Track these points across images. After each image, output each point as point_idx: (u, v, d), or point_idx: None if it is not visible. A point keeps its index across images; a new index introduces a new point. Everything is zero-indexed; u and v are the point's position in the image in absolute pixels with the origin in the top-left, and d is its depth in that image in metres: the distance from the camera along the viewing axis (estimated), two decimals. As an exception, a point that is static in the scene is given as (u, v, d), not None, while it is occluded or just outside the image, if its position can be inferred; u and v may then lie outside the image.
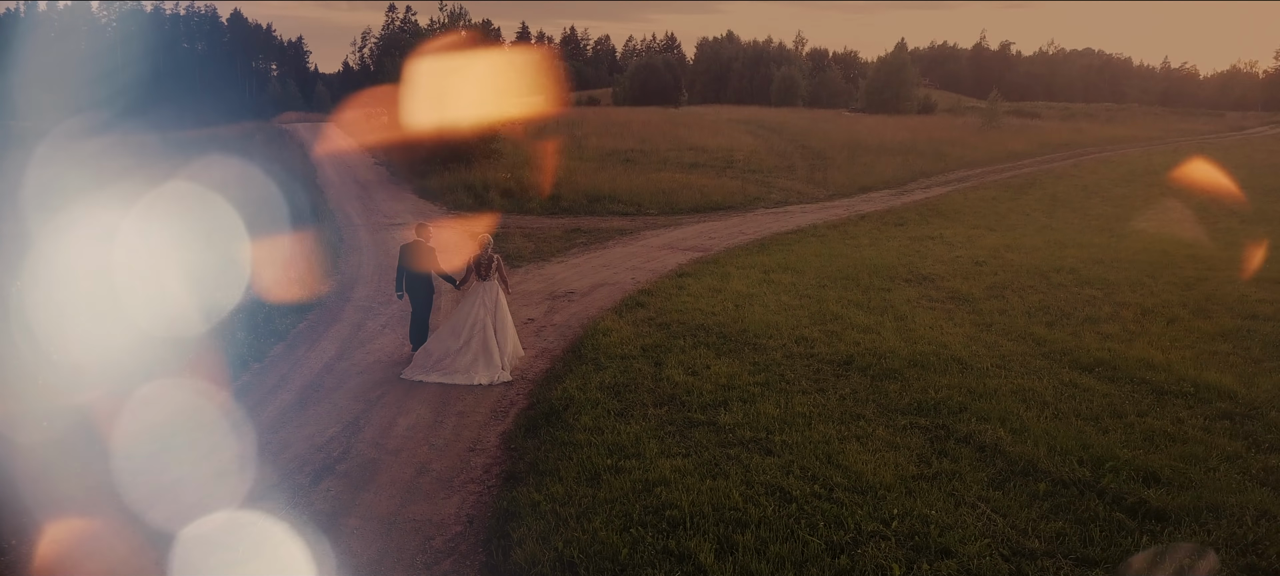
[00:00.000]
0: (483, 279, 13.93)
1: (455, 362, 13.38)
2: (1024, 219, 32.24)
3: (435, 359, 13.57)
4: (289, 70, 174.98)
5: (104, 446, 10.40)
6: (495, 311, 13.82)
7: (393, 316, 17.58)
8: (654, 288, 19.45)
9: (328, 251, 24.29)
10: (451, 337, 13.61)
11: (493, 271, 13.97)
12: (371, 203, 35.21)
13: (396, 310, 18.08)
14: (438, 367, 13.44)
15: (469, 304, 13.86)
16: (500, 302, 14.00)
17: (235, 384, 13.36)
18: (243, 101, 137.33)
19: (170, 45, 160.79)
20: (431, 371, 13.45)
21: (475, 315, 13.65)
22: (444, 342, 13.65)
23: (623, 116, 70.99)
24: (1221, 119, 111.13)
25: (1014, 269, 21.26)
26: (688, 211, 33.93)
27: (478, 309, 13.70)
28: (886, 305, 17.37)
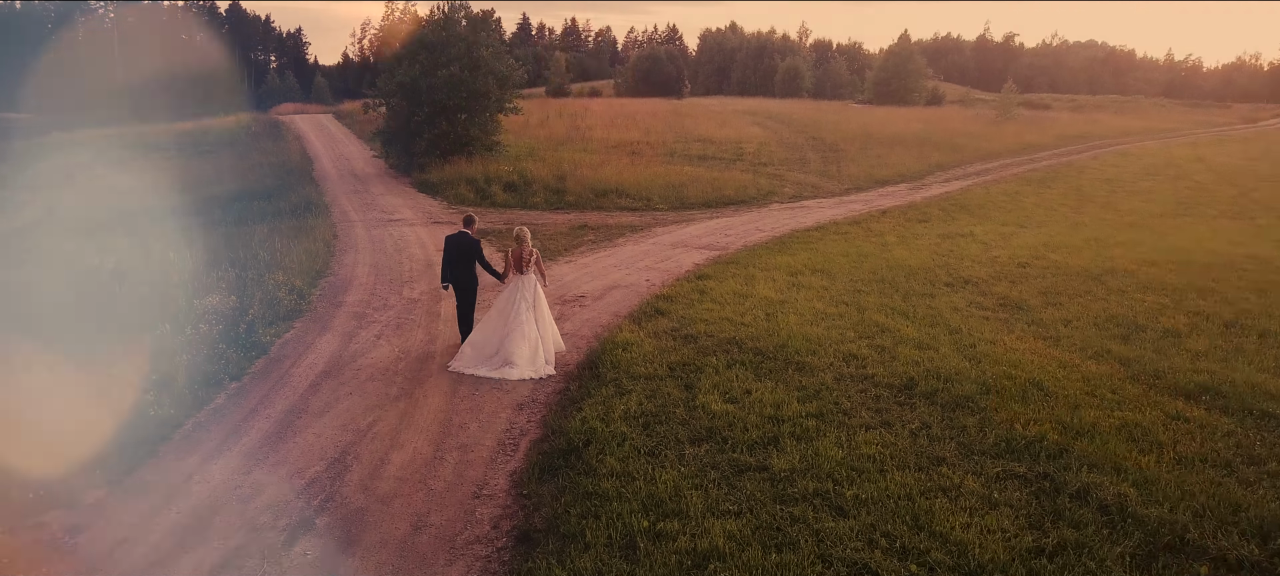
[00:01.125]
0: (521, 273, 13.75)
1: (499, 357, 13.29)
2: (1051, 214, 30.67)
3: (481, 354, 13.48)
4: (288, 62, 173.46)
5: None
6: (536, 305, 13.68)
7: (389, 325, 16.01)
8: (672, 292, 17.86)
9: (321, 250, 22.68)
10: (494, 332, 13.52)
11: (530, 265, 13.80)
12: (369, 197, 33.62)
13: (392, 317, 16.51)
14: (485, 362, 13.34)
15: (509, 298, 13.72)
16: (539, 296, 13.82)
17: (208, 407, 11.79)
18: (242, 93, 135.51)
19: (169, 37, 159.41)
20: (479, 365, 13.34)
21: (516, 309, 13.51)
22: (486, 337, 13.57)
23: (626, 108, 69.50)
24: (1229, 111, 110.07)
25: (1061, 271, 19.70)
26: (699, 206, 32.37)
27: (519, 303, 13.55)
28: (934, 315, 15.81)
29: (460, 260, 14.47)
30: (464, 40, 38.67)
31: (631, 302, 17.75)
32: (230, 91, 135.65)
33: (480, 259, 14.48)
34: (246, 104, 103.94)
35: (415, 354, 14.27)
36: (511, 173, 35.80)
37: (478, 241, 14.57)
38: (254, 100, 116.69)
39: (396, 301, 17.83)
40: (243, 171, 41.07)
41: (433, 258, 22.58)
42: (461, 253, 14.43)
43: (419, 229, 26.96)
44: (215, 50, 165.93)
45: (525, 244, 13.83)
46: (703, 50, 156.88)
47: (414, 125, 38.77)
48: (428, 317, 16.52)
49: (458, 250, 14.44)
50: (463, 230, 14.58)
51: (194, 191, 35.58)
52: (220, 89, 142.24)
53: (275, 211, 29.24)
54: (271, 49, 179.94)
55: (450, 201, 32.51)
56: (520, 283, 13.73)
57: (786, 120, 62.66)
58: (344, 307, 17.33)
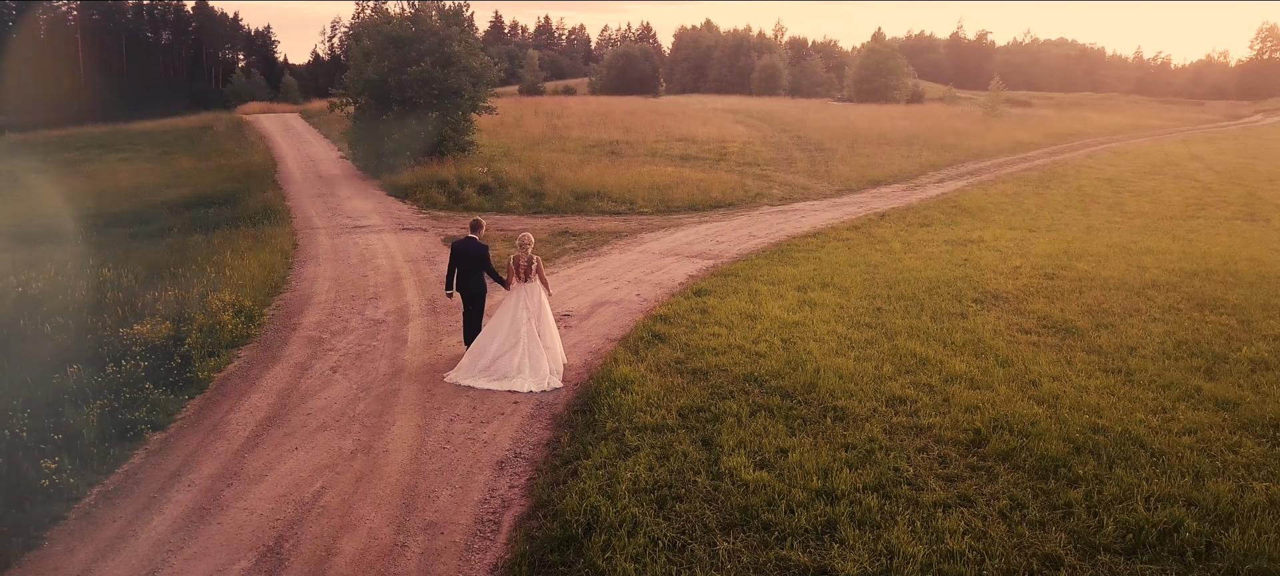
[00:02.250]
0: (524, 280, 13.06)
1: (500, 368, 12.62)
2: (1058, 217, 28.96)
3: (481, 364, 12.74)
4: (257, 61, 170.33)
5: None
6: (539, 315, 13.02)
7: (348, 353, 13.97)
8: (669, 311, 15.90)
9: (278, 263, 20.58)
10: (494, 342, 12.83)
11: (533, 272, 13.11)
12: (334, 201, 31.47)
13: (353, 343, 14.47)
14: (485, 372, 12.63)
15: (511, 306, 13.04)
16: (543, 305, 13.16)
17: (122, 469, 9.72)
18: (209, 92, 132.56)
19: (134, 36, 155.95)
20: (478, 377, 12.61)
21: (518, 318, 12.85)
22: (485, 347, 12.86)
23: (603, 106, 67.60)
24: (1203, 107, 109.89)
25: (1096, 284, 17.91)
26: (685, 209, 30.46)
27: (520, 311, 12.90)
28: (975, 341, 13.93)
29: (468, 267, 13.67)
30: (435, 35, 36.57)
31: (624, 322, 15.80)
32: (196, 91, 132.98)
33: (487, 266, 13.71)
34: (212, 103, 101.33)
35: (377, 391, 12.24)
36: (486, 174, 33.80)
37: (486, 247, 13.77)
38: (220, 99, 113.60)
39: (358, 323, 15.78)
40: (202, 174, 38.71)
41: (400, 269, 20.56)
42: (469, 259, 13.63)
43: (387, 236, 24.90)
44: (182, 49, 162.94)
45: (528, 250, 13.10)
46: (678, 48, 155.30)
47: (383, 125, 36.62)
48: (392, 344, 14.49)
49: (464, 256, 13.63)
50: (469, 235, 13.76)
51: (146, 196, 33.26)
52: (185, 88, 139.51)
53: (232, 218, 27.04)
54: (239, 47, 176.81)
55: (421, 205, 30.45)
56: (523, 291, 13.04)
57: (769, 118, 60.94)
58: (299, 331, 15.26)
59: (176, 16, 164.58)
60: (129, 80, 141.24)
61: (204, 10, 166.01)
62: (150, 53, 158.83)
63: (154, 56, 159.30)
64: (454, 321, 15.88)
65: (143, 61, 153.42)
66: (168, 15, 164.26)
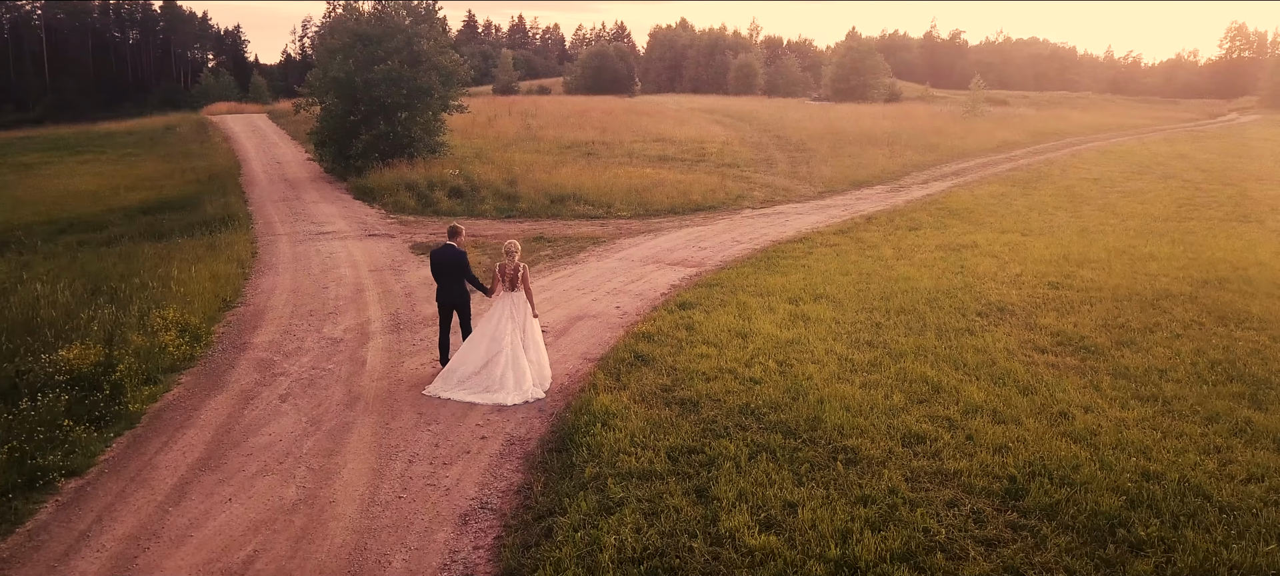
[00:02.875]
0: (510, 289, 12.52)
1: (482, 379, 12.11)
2: (1049, 219, 27.98)
3: (460, 375, 12.22)
4: (227, 60, 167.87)
5: None
6: (524, 325, 12.53)
7: (300, 378, 12.69)
8: (652, 327, 14.69)
9: (233, 274, 19.25)
10: (475, 352, 12.31)
11: (520, 281, 12.56)
12: (299, 205, 30.09)
13: (306, 367, 13.19)
14: (464, 384, 12.12)
15: (495, 316, 12.48)
16: (528, 315, 12.61)
17: (23, 528, 8.40)
18: (177, 92, 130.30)
19: (101, 36, 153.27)
20: (456, 388, 12.11)
21: (501, 328, 12.33)
22: (468, 358, 12.32)
23: (578, 105, 66.39)
24: (1179, 106, 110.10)
25: (1104, 294, 16.84)
26: (665, 213, 29.29)
27: (504, 321, 12.39)
28: (988, 361, 12.80)
29: (447, 275, 13.02)
30: (403, 32, 35.18)
31: (604, 339, 14.60)
32: (164, 91, 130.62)
33: (467, 273, 13.04)
34: (181, 103, 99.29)
35: (329, 424, 10.96)
36: (457, 177, 32.51)
37: (464, 253, 13.07)
38: (188, 100, 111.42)
39: (314, 343, 14.49)
40: (162, 177, 37.21)
41: (363, 280, 19.28)
42: (447, 267, 12.99)
43: (351, 244, 23.59)
44: (150, 49, 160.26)
45: (514, 258, 12.56)
46: (653, 47, 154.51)
47: (350, 125, 35.21)
48: (349, 367, 13.21)
49: (442, 264, 13.00)
50: (448, 242, 13.09)
51: (103, 200, 31.76)
52: (153, 88, 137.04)
53: (189, 224, 25.60)
54: (209, 47, 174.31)
55: (389, 209, 29.13)
56: (509, 300, 12.50)
57: (747, 118, 59.93)
58: (249, 352, 13.95)
59: (144, 16, 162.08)
60: (96, 80, 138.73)
61: (172, 10, 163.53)
62: (117, 53, 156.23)
63: (121, 56, 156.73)
64: (417, 340, 14.65)
65: (110, 61, 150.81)
66: (135, 14, 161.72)
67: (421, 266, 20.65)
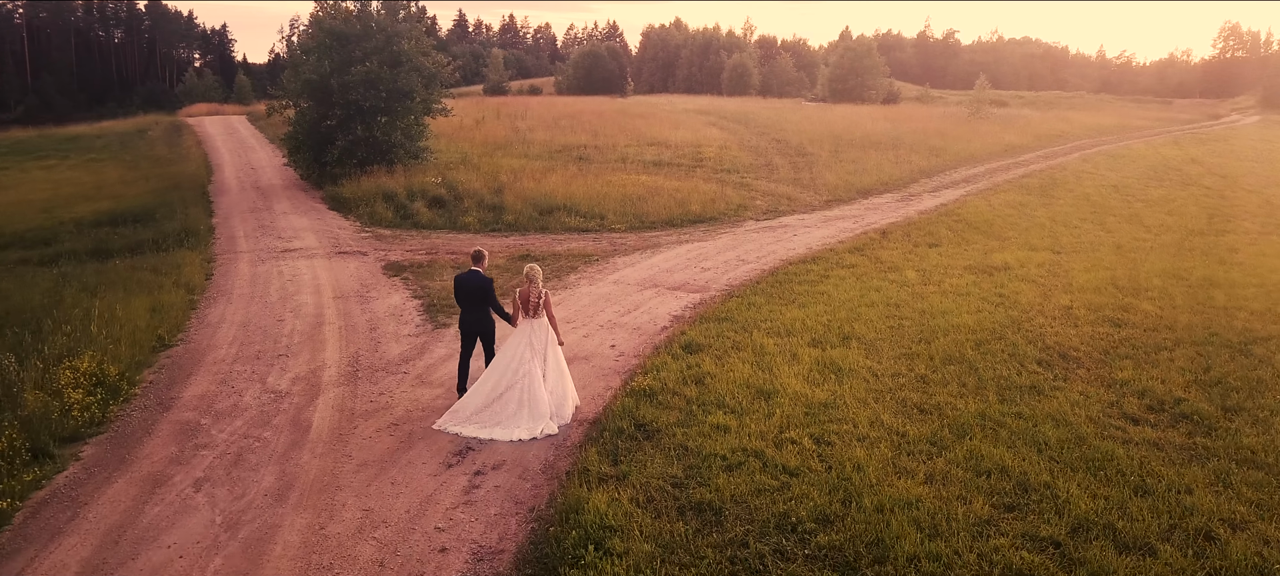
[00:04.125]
0: (531, 316, 11.75)
1: (495, 413, 11.38)
2: (1077, 234, 25.87)
3: (473, 408, 11.48)
4: (215, 60, 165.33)
5: None
6: (545, 354, 11.74)
7: (227, 451, 10.47)
8: (655, 381, 12.41)
9: (177, 305, 17.01)
10: (489, 383, 11.63)
11: (541, 308, 11.76)
12: (268, 217, 27.83)
13: (238, 433, 10.97)
14: (475, 419, 11.41)
15: (513, 345, 11.77)
16: (550, 343, 11.87)
17: None
18: (161, 92, 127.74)
19: (84, 35, 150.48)
20: (466, 423, 11.39)
21: (520, 357, 11.61)
22: (481, 389, 11.62)
23: (569, 107, 64.16)
24: (1173, 106, 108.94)
25: (1181, 336, 14.67)
26: (662, 225, 27.12)
27: (523, 350, 11.65)
28: (1075, 438, 10.52)
29: (470, 301, 12.33)
30: (383, 32, 32.90)
31: (597, 390, 12.44)
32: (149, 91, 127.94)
33: (492, 300, 12.33)
34: (165, 104, 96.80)
35: (246, 530, 8.63)
36: (439, 185, 30.27)
37: (489, 280, 12.36)
38: (171, 100, 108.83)
39: (254, 397, 12.26)
40: (126, 185, 34.83)
41: (325, 310, 17.07)
42: (470, 293, 12.29)
43: (319, 263, 21.38)
44: (135, 48, 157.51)
45: (536, 284, 11.70)
46: (646, 47, 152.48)
47: (325, 130, 32.92)
48: (290, 435, 10.96)
49: (466, 290, 12.31)
50: (473, 268, 12.41)
51: (58, 211, 29.40)
52: (138, 88, 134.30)
53: (140, 241, 23.33)
54: (195, 46, 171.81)
55: (364, 222, 26.90)
56: (529, 327, 11.74)
57: (744, 120, 57.73)
58: (173, 412, 11.72)
59: (128, 15, 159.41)
60: (79, 80, 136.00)
61: (157, 9, 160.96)
62: (101, 52, 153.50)
63: (105, 56, 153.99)
64: (376, 394, 12.45)
65: (94, 61, 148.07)
66: (119, 13, 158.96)
67: (391, 292, 18.46)
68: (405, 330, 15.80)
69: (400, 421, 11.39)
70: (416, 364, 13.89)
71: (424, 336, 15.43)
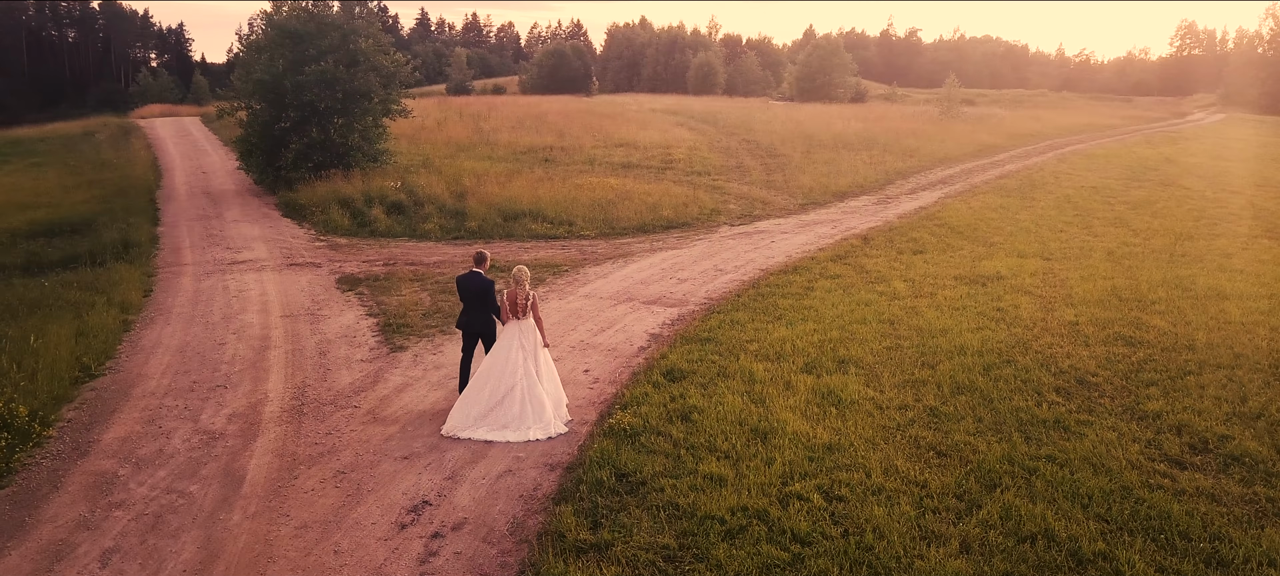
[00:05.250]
0: (520, 317, 11.78)
1: (501, 415, 11.31)
2: (1064, 239, 24.86)
3: (479, 412, 11.39)
4: (172, 60, 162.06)
5: None
6: (535, 354, 11.76)
7: (143, 514, 9.07)
8: (636, 418, 11.04)
9: (107, 328, 15.51)
10: (487, 386, 11.54)
11: (529, 309, 11.82)
12: (218, 225, 26.29)
13: (160, 489, 9.56)
14: (484, 421, 11.32)
15: (505, 346, 11.78)
16: (539, 344, 11.88)
17: None
18: (116, 92, 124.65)
19: (37, 35, 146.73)
20: (477, 426, 11.28)
21: (513, 359, 11.62)
22: (480, 392, 11.53)
23: (534, 106, 62.77)
24: (1135, 104, 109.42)
25: (1204, 357, 13.48)
26: (633, 231, 25.87)
27: (515, 352, 11.67)
28: (1120, 492, 9.24)
29: (472, 303, 12.41)
30: (338, 29, 31.35)
31: (572, 428, 11.14)
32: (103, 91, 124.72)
33: (493, 302, 12.31)
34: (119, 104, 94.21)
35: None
36: (398, 190, 28.84)
37: (491, 282, 12.39)
38: (126, 100, 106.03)
39: (184, 439, 10.84)
40: (65, 191, 32.97)
41: (272, 331, 15.66)
42: (472, 295, 12.37)
43: (268, 276, 19.93)
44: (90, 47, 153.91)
45: (525, 285, 11.82)
46: (611, 46, 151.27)
47: (279, 132, 31.31)
48: (220, 488, 9.56)
49: (468, 292, 12.40)
50: (474, 270, 12.46)
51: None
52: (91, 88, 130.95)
53: (76, 254, 21.69)
54: (151, 46, 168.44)
55: (320, 230, 25.45)
56: (518, 328, 11.74)
57: (712, 120, 56.64)
58: (90, 458, 10.29)
59: (82, 14, 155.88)
60: (31, 81, 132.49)
61: (111, 8, 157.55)
62: (55, 52, 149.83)
63: (59, 56, 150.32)
64: (322, 435, 11.08)
65: (47, 61, 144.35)
66: (73, 12, 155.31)
67: (345, 310, 17.07)
68: (358, 354, 14.43)
69: (348, 469, 10.02)
70: (369, 395, 12.53)
71: (378, 361, 14.07)
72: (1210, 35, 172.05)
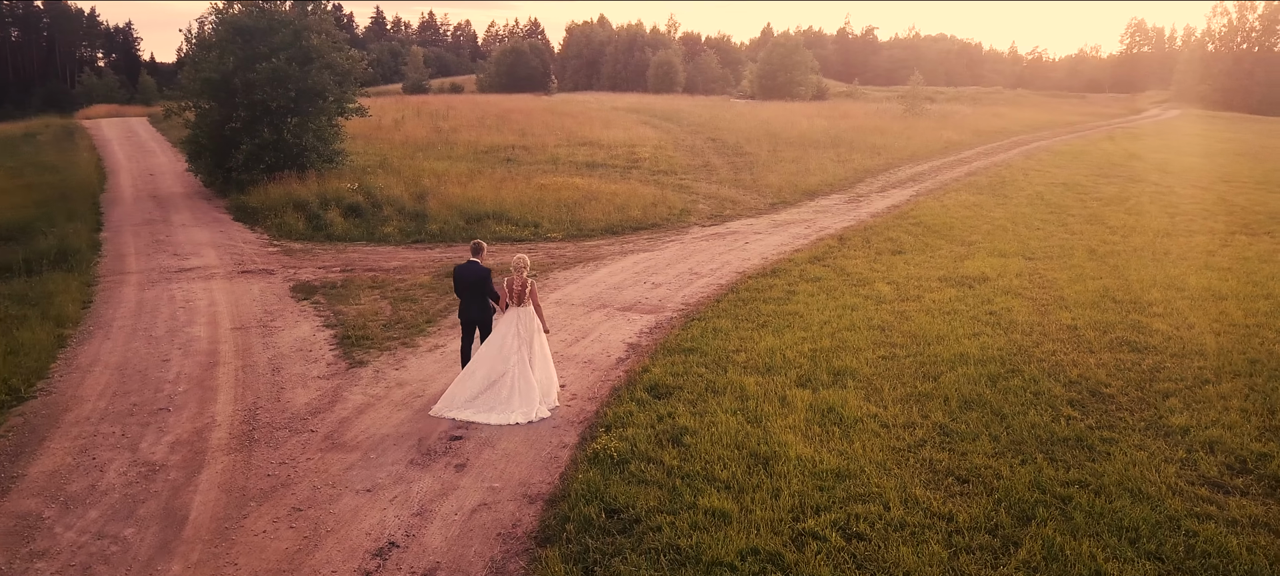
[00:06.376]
0: (518, 304, 11.85)
1: (489, 400, 11.54)
2: (1043, 237, 24.28)
3: (467, 394, 11.65)
4: (120, 59, 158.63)
5: None
6: (531, 341, 11.87)
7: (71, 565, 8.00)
8: (621, 442, 10.10)
9: (41, 344, 14.31)
10: (480, 370, 11.75)
11: (527, 296, 11.91)
12: (165, 230, 24.99)
13: (89, 536, 8.46)
14: (472, 404, 11.58)
15: (500, 333, 11.90)
16: (536, 330, 12.02)
17: None
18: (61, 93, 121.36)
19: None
20: (464, 408, 11.56)
21: (507, 345, 11.74)
22: (474, 375, 11.77)
23: (494, 105, 61.67)
24: (1091, 101, 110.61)
25: (1218, 364, 12.75)
26: (601, 232, 24.97)
27: (510, 338, 11.78)
28: (1167, 523, 8.30)
29: (469, 292, 12.60)
30: (290, 26, 30.07)
31: (545, 455, 10.20)
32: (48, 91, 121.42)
33: (489, 290, 12.55)
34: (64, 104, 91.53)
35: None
36: (355, 191, 27.65)
37: (488, 271, 12.64)
38: (71, 100, 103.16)
39: (120, 474, 9.75)
40: (3, 195, 31.41)
41: (221, 345, 14.55)
42: (469, 284, 12.56)
43: (217, 286, 18.75)
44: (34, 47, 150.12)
45: (523, 273, 11.96)
46: (570, 44, 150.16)
47: (229, 132, 29.96)
48: (161, 528, 8.49)
49: (465, 282, 12.59)
50: (471, 259, 12.63)
51: None
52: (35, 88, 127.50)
53: (8, 264, 20.20)
54: (98, 45, 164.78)
55: (273, 234, 24.27)
56: (516, 315, 11.91)
57: (675, 118, 55.85)
58: (11, 497, 9.16)
59: (25, 12, 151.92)
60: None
61: (56, 7, 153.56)
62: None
63: (2, 55, 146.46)
64: (276, 464, 10.04)
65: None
66: (15, 11, 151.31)
67: (300, 321, 15.99)
68: (314, 371, 13.37)
69: (304, 505, 9.00)
70: (327, 417, 11.49)
71: (337, 378, 13.02)
72: (1159, 33, 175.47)
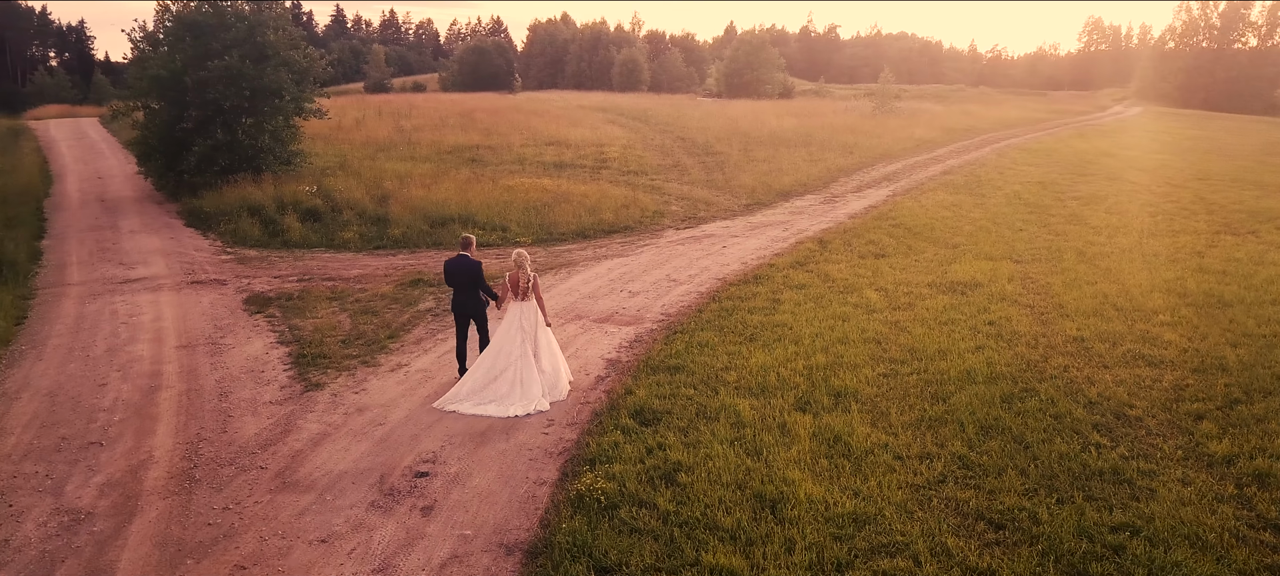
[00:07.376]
0: (521, 299, 12.02)
1: (490, 393, 11.72)
2: (1028, 239, 23.56)
3: (469, 388, 11.83)
4: (73, 59, 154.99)
5: None
6: (534, 335, 12.06)
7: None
8: (607, 481, 9.02)
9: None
10: (484, 365, 11.92)
11: (530, 291, 12.04)
12: (112, 237, 23.64)
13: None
14: (473, 397, 11.72)
15: (504, 328, 12.09)
16: (539, 323, 12.18)
17: None
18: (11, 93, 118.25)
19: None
20: (464, 401, 11.69)
21: (513, 341, 11.92)
22: (478, 373, 11.90)
23: (458, 104, 60.42)
24: (1047, 98, 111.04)
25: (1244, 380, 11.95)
26: (573, 236, 23.95)
27: (514, 332, 11.96)
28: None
29: (461, 286, 12.70)
30: (244, 21, 28.73)
31: (522, 493, 9.19)
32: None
33: (481, 283, 12.70)
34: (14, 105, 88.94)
35: None
36: (314, 194, 26.43)
37: (478, 264, 12.71)
38: (21, 101, 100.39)
39: (38, 526, 8.59)
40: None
41: (165, 366, 13.38)
42: (461, 278, 12.64)
43: (165, 298, 17.52)
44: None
45: (524, 269, 12.04)
46: (534, 42, 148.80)
47: (180, 133, 28.58)
48: (83, 596, 7.41)
49: (457, 276, 12.66)
50: (461, 253, 12.71)
51: None
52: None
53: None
54: (50, 44, 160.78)
55: (227, 241, 23.03)
56: (518, 310, 12.08)
57: (643, 117, 54.93)
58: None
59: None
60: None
61: (7, 6, 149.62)
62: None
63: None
64: (218, 507, 8.91)
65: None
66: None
67: (252, 337, 14.84)
68: (266, 395, 12.23)
69: (249, 562, 7.89)
70: (279, 449, 10.38)
71: (290, 404, 11.89)
72: (1115, 31, 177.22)
